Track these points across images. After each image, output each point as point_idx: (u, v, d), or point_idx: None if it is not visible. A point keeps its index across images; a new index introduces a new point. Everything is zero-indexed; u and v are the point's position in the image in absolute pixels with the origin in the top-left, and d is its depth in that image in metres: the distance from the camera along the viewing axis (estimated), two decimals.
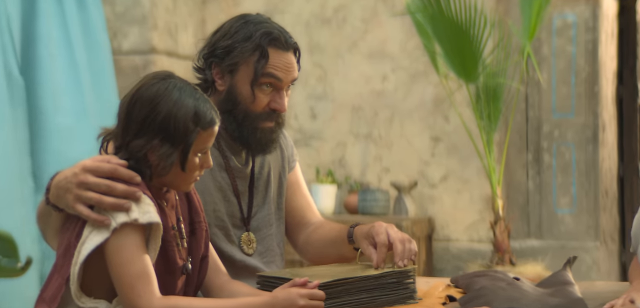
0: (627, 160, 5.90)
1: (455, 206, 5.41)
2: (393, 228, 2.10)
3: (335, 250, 2.28)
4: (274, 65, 2.18)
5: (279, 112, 2.20)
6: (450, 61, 4.79)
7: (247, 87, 2.18)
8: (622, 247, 5.84)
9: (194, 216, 2.04)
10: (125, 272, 1.79)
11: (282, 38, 2.19)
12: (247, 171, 2.30)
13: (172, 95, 1.87)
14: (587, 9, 5.30)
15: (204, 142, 1.89)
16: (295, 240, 2.41)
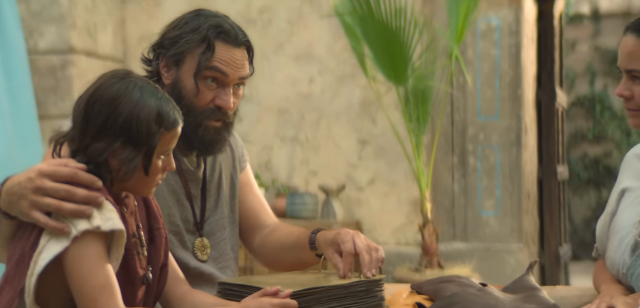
0: (545, 163, 6.03)
1: (382, 209, 5.40)
2: (359, 237, 2.04)
3: (294, 255, 2.20)
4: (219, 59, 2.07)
5: (224, 109, 2.10)
6: (379, 63, 4.78)
7: (191, 80, 2.07)
8: (541, 249, 5.96)
9: (153, 223, 1.93)
10: (87, 284, 1.67)
11: (232, 33, 2.09)
12: (199, 174, 2.20)
13: (133, 95, 1.76)
14: (510, 12, 5.38)
15: (168, 143, 1.79)
16: (250, 243, 2.32)
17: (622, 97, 1.95)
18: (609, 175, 9.84)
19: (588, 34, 10.11)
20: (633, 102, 1.94)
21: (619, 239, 2.00)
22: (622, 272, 1.96)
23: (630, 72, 1.92)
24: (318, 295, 1.86)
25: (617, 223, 2.04)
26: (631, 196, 2.04)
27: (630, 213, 2.00)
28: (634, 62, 1.91)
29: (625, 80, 1.94)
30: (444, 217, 5.36)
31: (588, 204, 9.89)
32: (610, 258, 2.03)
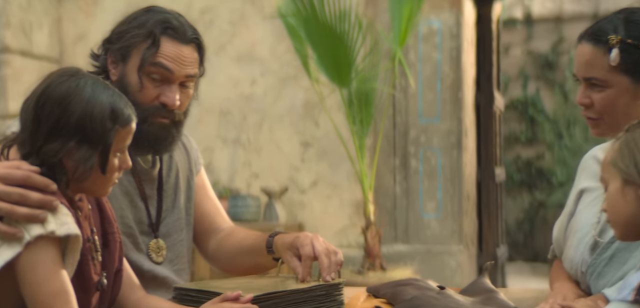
0: (484, 165, 6.10)
1: (325, 211, 5.39)
2: (318, 240, 2.01)
3: (251, 259, 2.17)
4: (164, 55, 2.02)
5: (169, 107, 2.05)
6: (323, 65, 4.77)
7: (135, 75, 2.02)
8: (479, 251, 6.03)
9: (107, 227, 1.87)
10: (41, 291, 1.61)
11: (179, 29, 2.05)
12: (154, 173, 2.15)
13: (84, 92, 1.70)
14: (451, 16, 5.43)
15: (123, 140, 1.74)
16: (205, 248, 2.28)
17: (582, 105, 1.94)
18: (541, 177, 10.02)
19: (521, 38, 10.29)
20: (593, 110, 1.93)
21: (578, 239, 2.02)
22: (581, 271, 1.98)
23: (589, 80, 1.92)
24: (278, 299, 1.83)
25: (576, 223, 2.06)
26: (589, 197, 2.06)
27: (589, 213, 2.03)
28: (592, 70, 1.91)
29: (584, 89, 1.93)
30: (386, 219, 5.38)
31: (521, 206, 10.05)
32: (569, 258, 2.05)
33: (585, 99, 1.93)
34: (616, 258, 1.92)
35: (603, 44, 1.88)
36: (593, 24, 1.97)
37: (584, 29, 1.98)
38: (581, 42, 1.94)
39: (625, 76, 1.89)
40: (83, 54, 5.33)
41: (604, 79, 1.89)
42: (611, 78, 1.89)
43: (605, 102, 1.90)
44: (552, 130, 9.88)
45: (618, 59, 1.88)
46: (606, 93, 1.90)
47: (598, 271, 1.94)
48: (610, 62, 1.88)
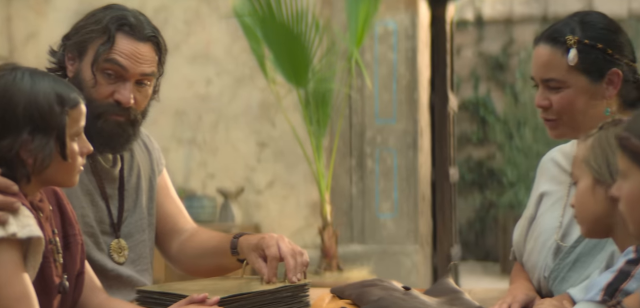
0: (438, 165, 6.14)
1: (281, 212, 5.38)
2: (284, 241, 2.00)
3: (215, 261, 2.14)
4: (119, 52, 1.98)
5: (123, 104, 2.02)
6: (280, 65, 4.76)
7: (89, 71, 2.00)
8: (433, 250, 6.07)
9: (68, 228, 1.83)
10: (2, 295, 1.57)
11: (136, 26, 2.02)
12: (115, 173, 2.11)
13: (24, 83, 1.68)
14: (407, 17, 5.46)
15: (76, 122, 1.72)
16: (167, 249, 2.24)
17: (541, 107, 1.94)
18: (492, 177, 10.13)
19: (472, 39, 10.39)
20: (551, 111, 1.94)
21: (541, 243, 2.03)
22: (544, 275, 1.99)
23: (547, 81, 1.92)
24: (245, 301, 1.82)
25: (538, 227, 2.07)
26: (550, 200, 2.07)
27: (551, 218, 2.04)
28: (550, 71, 1.92)
29: (542, 91, 1.94)
30: (342, 219, 5.39)
31: (472, 206, 10.15)
32: (531, 262, 2.06)
33: (544, 100, 1.93)
34: (579, 262, 1.93)
35: (561, 44, 1.90)
36: (549, 26, 1.98)
37: (540, 32, 1.99)
38: (538, 44, 1.94)
39: (583, 76, 1.91)
40: (34, 53, 5.25)
41: (562, 79, 1.90)
42: (569, 78, 1.91)
43: (564, 102, 1.91)
44: (503, 130, 9.99)
45: (576, 58, 1.90)
46: (565, 93, 1.91)
47: (561, 276, 1.95)
48: (568, 62, 1.90)
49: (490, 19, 10.43)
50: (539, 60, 1.93)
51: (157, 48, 2.06)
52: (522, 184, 9.44)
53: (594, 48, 1.91)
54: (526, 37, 10.28)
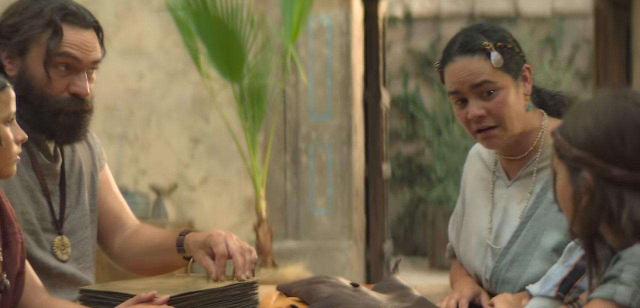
0: (371, 161, 6.17)
1: (215, 209, 5.32)
2: (232, 238, 1.96)
3: (159, 258, 2.09)
4: (69, 43, 1.93)
5: (81, 96, 1.96)
6: (214, 60, 4.70)
7: (41, 69, 1.93)
8: (367, 246, 6.09)
9: (8, 227, 1.77)
10: None
11: (79, 14, 1.96)
12: (56, 168, 2.04)
13: None
14: (341, 12, 5.46)
15: (6, 106, 1.67)
16: (110, 246, 2.18)
17: (477, 117, 1.90)
18: (421, 173, 10.23)
19: (401, 36, 10.47)
20: (488, 118, 1.91)
21: (475, 242, 2.03)
22: (486, 278, 2.00)
23: (479, 86, 1.89)
24: (194, 299, 1.78)
25: (470, 226, 2.07)
26: (477, 197, 2.08)
27: (481, 217, 2.04)
28: (480, 76, 1.89)
29: (474, 101, 1.89)
30: (277, 216, 5.36)
31: (402, 201, 10.24)
32: (469, 263, 2.06)
33: (480, 109, 1.90)
34: (516, 262, 1.95)
35: (479, 51, 1.90)
36: (452, 44, 1.94)
37: (445, 52, 1.95)
38: (454, 59, 1.90)
39: (507, 75, 1.93)
40: None
41: (494, 80, 1.91)
42: (499, 79, 1.91)
43: (500, 104, 1.91)
44: (432, 126, 10.09)
45: (501, 59, 1.91)
46: (499, 95, 1.91)
47: (501, 277, 1.96)
48: (494, 65, 1.91)
49: (418, 15, 10.53)
50: (463, 71, 1.89)
51: (97, 32, 2.01)
52: (451, 179, 9.56)
53: (507, 48, 1.93)
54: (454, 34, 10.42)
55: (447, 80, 1.94)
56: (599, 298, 1.33)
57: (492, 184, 2.07)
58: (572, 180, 1.43)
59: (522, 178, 2.01)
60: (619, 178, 1.38)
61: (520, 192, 2.00)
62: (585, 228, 1.43)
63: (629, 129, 1.39)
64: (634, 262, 1.33)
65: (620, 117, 1.41)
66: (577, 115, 1.46)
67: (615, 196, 1.38)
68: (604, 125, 1.41)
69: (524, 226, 1.96)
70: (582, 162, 1.42)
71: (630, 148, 1.38)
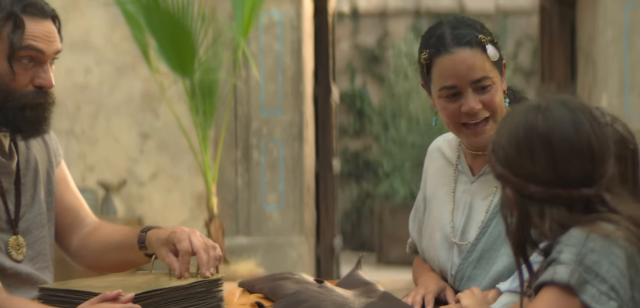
0: (322, 157, 6.16)
1: (165, 205, 5.26)
2: (196, 235, 1.93)
3: (120, 256, 2.05)
4: (32, 36, 1.88)
5: (46, 88, 1.92)
6: (165, 55, 4.63)
7: (4, 63, 1.87)
8: (317, 241, 6.09)
9: None
10: None
11: (38, 4, 1.91)
12: (12, 166, 1.98)
13: None
14: (292, 7, 5.44)
15: None
16: (68, 244, 2.13)
17: (474, 111, 1.90)
18: (368, 168, 10.27)
19: (348, 32, 10.49)
20: (483, 112, 1.91)
21: (441, 238, 2.03)
22: (451, 274, 2.00)
23: (478, 82, 1.90)
24: (159, 297, 1.74)
25: (433, 222, 2.06)
26: (439, 193, 2.08)
27: (443, 213, 2.04)
28: (480, 71, 1.88)
29: (472, 95, 1.90)
30: (228, 212, 5.32)
31: (349, 197, 10.26)
32: (434, 259, 2.05)
33: (478, 104, 1.90)
34: (484, 259, 1.95)
35: (477, 44, 1.90)
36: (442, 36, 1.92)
37: (435, 43, 1.93)
38: (452, 52, 1.90)
39: (496, 69, 1.94)
40: None
41: (490, 75, 1.91)
42: (493, 74, 1.93)
43: (494, 98, 1.92)
44: (379, 122, 10.14)
45: (497, 53, 1.92)
46: (492, 89, 1.92)
47: (467, 274, 1.96)
48: (491, 59, 1.91)
49: (365, 12, 10.56)
50: (463, 65, 1.89)
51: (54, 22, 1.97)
52: (398, 175, 9.61)
53: (494, 43, 1.95)
54: (400, 30, 10.48)
55: (441, 73, 1.92)
56: (542, 283, 1.36)
57: (454, 180, 2.06)
58: (502, 194, 1.46)
59: (487, 174, 2.01)
60: (536, 195, 1.40)
61: (485, 187, 2.00)
62: (514, 237, 1.45)
63: (535, 145, 1.40)
64: (571, 243, 1.36)
65: (528, 133, 1.41)
66: (500, 128, 1.48)
67: (536, 211, 1.41)
68: (515, 142, 1.43)
69: (490, 222, 1.96)
70: (504, 179, 1.44)
71: (539, 165, 1.40)
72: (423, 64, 1.95)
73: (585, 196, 1.37)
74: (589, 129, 1.39)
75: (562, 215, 1.37)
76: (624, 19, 5.38)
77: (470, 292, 1.82)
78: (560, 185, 1.38)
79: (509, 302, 1.70)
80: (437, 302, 1.94)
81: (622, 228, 1.35)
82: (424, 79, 1.99)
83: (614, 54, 5.39)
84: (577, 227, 1.37)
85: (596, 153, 1.38)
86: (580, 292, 1.32)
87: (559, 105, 1.41)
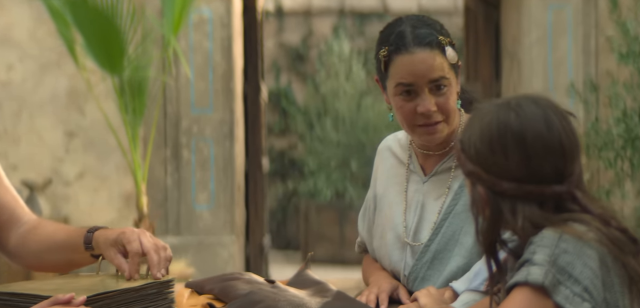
0: (251, 155, 6.12)
1: (92, 204, 5.13)
2: (146, 236, 1.88)
3: (64, 256, 1.97)
4: None
5: None
6: (92, 52, 4.52)
7: None
8: (246, 241, 6.05)
9: None
10: None
11: None
12: None
13: None
14: (222, 5, 5.38)
15: None
16: (5, 243, 2.03)
17: (430, 112, 1.90)
18: (293, 167, 10.27)
19: (273, 30, 10.46)
20: (438, 113, 1.90)
21: (393, 238, 2.02)
22: (404, 274, 1.99)
23: (435, 82, 1.89)
24: (110, 300, 1.69)
25: (385, 221, 2.06)
26: (390, 193, 2.07)
27: (396, 212, 2.04)
28: (439, 71, 1.88)
29: (428, 95, 1.89)
30: (158, 211, 5.23)
31: (275, 195, 10.24)
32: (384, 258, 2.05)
33: (433, 105, 1.89)
34: (437, 260, 1.95)
35: (436, 46, 1.90)
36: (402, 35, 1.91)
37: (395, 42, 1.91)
38: (412, 51, 1.89)
39: (453, 71, 1.94)
40: None
41: (449, 76, 1.91)
42: (450, 75, 1.93)
43: (449, 99, 1.92)
44: (304, 121, 10.13)
45: (455, 55, 1.92)
46: (448, 91, 1.92)
47: (421, 275, 1.96)
48: (449, 61, 1.91)
49: (290, 10, 10.55)
50: (422, 64, 1.88)
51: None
52: (323, 173, 9.63)
53: (453, 44, 1.95)
54: (324, 29, 10.50)
55: (400, 70, 1.91)
56: (516, 284, 1.36)
57: (405, 179, 2.06)
58: (472, 192, 1.46)
59: (439, 174, 2.01)
60: (509, 192, 1.41)
61: (437, 187, 2.00)
62: (485, 235, 1.46)
63: (509, 142, 1.41)
64: (545, 244, 1.37)
65: (501, 130, 1.42)
66: (470, 125, 1.49)
67: (509, 208, 1.41)
68: (488, 139, 1.43)
69: (444, 223, 1.96)
70: (475, 176, 1.44)
71: (513, 162, 1.41)
72: (381, 60, 1.94)
73: (557, 193, 1.38)
74: (560, 126, 1.40)
75: (534, 212, 1.38)
76: (548, 21, 5.50)
77: (427, 290, 1.82)
78: (533, 182, 1.38)
79: (470, 300, 1.70)
80: (390, 301, 1.94)
81: (593, 229, 1.36)
82: (380, 75, 1.98)
83: (539, 55, 5.51)
84: (550, 228, 1.37)
85: (567, 150, 1.39)
86: (553, 293, 1.33)
87: (530, 103, 1.41)
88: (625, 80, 4.68)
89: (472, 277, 1.77)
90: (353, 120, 9.56)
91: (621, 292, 1.36)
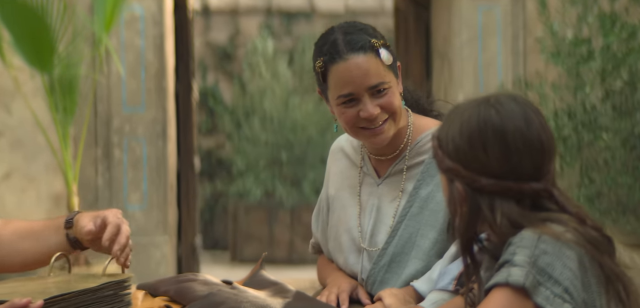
0: (183, 155, 6.05)
1: (19, 205, 4.98)
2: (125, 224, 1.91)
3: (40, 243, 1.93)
4: None
5: None
6: (21, 49, 4.39)
7: None
8: (178, 241, 5.98)
9: None
10: None
11: None
12: None
13: None
14: (154, 2, 5.30)
15: None
16: None
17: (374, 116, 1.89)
18: (221, 166, 10.20)
19: (199, 29, 10.38)
20: (381, 115, 1.90)
21: (349, 241, 2.02)
22: (362, 278, 1.99)
23: (374, 88, 1.88)
24: (66, 302, 1.66)
25: (339, 222, 2.05)
26: (344, 195, 2.06)
27: (351, 214, 2.03)
28: (376, 76, 1.87)
29: (369, 100, 1.88)
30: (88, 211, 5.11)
31: (202, 195, 10.15)
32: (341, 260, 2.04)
33: (376, 108, 1.89)
34: (395, 263, 1.95)
35: (370, 49, 1.89)
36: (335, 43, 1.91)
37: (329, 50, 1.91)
38: (346, 58, 1.88)
39: (391, 72, 1.95)
40: None
41: (386, 79, 1.91)
42: (388, 77, 1.92)
43: (391, 101, 1.91)
44: (232, 120, 10.08)
45: (390, 56, 1.92)
46: (389, 93, 1.91)
47: (379, 279, 1.96)
48: (384, 63, 1.91)
49: (216, 9, 10.48)
50: (358, 71, 1.87)
51: None
52: (251, 173, 9.59)
53: (387, 46, 1.95)
54: (251, 28, 10.46)
55: (337, 80, 1.90)
56: (496, 285, 1.36)
57: (359, 181, 2.05)
58: (449, 189, 1.46)
59: (392, 176, 2.01)
60: (487, 188, 1.42)
61: (391, 190, 2.00)
62: (462, 233, 1.46)
63: (489, 138, 1.42)
64: (524, 245, 1.37)
65: (482, 126, 1.43)
66: (448, 122, 1.49)
67: (487, 205, 1.42)
68: (468, 135, 1.44)
69: (400, 226, 1.96)
70: (454, 173, 1.45)
71: (493, 157, 1.42)
72: (319, 72, 1.93)
73: (535, 190, 1.39)
74: (538, 124, 1.41)
75: (512, 209, 1.39)
76: (478, 21, 5.59)
77: (391, 291, 1.82)
78: (512, 179, 1.39)
79: (439, 300, 1.71)
80: (350, 300, 1.93)
81: (570, 229, 1.37)
82: (321, 87, 1.97)
83: (469, 55, 5.59)
84: (529, 229, 1.38)
85: (546, 147, 1.41)
86: (534, 294, 1.33)
87: (509, 100, 1.42)
88: (554, 81, 4.79)
89: (436, 277, 1.77)
90: (281, 119, 9.55)
91: (598, 292, 1.37)
